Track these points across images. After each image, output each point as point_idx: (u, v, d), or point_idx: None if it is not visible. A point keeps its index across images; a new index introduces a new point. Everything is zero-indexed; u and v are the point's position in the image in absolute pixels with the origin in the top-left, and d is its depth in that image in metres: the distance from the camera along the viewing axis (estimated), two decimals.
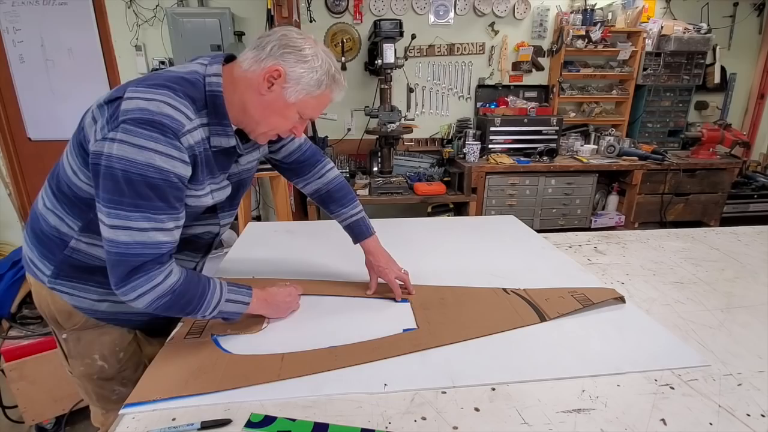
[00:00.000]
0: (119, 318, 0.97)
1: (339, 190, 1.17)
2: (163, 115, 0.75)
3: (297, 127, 0.92)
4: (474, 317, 0.99)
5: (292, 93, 0.83)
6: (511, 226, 1.65)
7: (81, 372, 1.00)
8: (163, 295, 0.78)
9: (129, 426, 0.67)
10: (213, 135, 0.84)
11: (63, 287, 0.91)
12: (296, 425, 0.67)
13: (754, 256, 1.38)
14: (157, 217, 0.77)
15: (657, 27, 3.20)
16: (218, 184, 0.91)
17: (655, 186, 3.05)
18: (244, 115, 0.86)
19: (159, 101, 0.75)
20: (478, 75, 3.32)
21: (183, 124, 0.77)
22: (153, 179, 0.75)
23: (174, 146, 0.76)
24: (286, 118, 0.87)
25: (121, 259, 0.76)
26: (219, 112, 0.83)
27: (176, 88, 0.78)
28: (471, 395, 0.74)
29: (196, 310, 0.83)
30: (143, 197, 0.75)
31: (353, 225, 1.15)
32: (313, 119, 0.93)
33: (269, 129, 0.88)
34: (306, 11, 3.02)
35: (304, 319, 0.98)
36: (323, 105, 0.91)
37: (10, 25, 2.86)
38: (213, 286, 0.85)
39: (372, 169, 3.10)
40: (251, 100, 0.84)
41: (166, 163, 0.75)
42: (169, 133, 0.75)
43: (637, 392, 0.75)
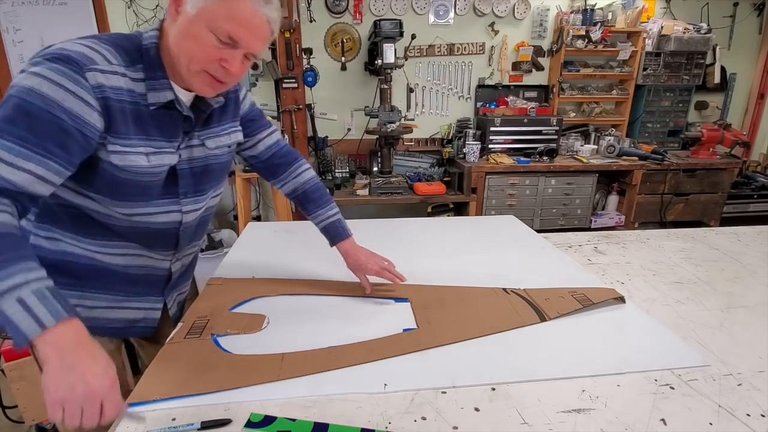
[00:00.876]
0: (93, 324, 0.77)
1: (315, 191, 1.13)
2: (75, 51, 0.69)
3: (226, 59, 0.76)
4: (474, 317, 0.99)
5: (190, 5, 0.73)
6: (511, 226, 1.65)
7: None
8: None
9: (129, 426, 0.67)
10: (150, 90, 0.78)
11: None
12: (296, 425, 0.67)
13: (754, 256, 1.38)
14: (12, 147, 0.64)
15: (657, 27, 3.20)
16: (157, 149, 0.82)
17: (655, 186, 3.05)
18: (172, 57, 0.78)
19: (78, 44, 0.71)
20: (478, 75, 3.32)
21: (94, 60, 0.70)
22: (31, 105, 0.66)
23: (71, 78, 0.68)
24: (198, 40, 0.74)
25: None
26: (152, 63, 0.78)
27: (103, 37, 0.74)
28: (471, 395, 0.74)
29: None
30: (11, 122, 0.65)
31: (329, 227, 1.12)
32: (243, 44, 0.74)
33: (187, 60, 0.76)
34: (306, 11, 3.02)
35: (304, 319, 0.98)
36: (242, 18, 0.74)
37: (10, 25, 2.86)
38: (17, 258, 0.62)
39: (372, 169, 3.11)
40: (171, 36, 0.77)
41: (53, 92, 0.67)
42: (72, 66, 0.68)
43: (637, 392, 0.75)
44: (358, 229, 1.59)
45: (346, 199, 2.82)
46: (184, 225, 0.93)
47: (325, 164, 3.07)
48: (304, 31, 2.98)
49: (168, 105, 0.81)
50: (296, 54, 2.75)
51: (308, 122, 2.99)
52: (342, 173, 3.05)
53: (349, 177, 3.07)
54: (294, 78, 2.78)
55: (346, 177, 3.05)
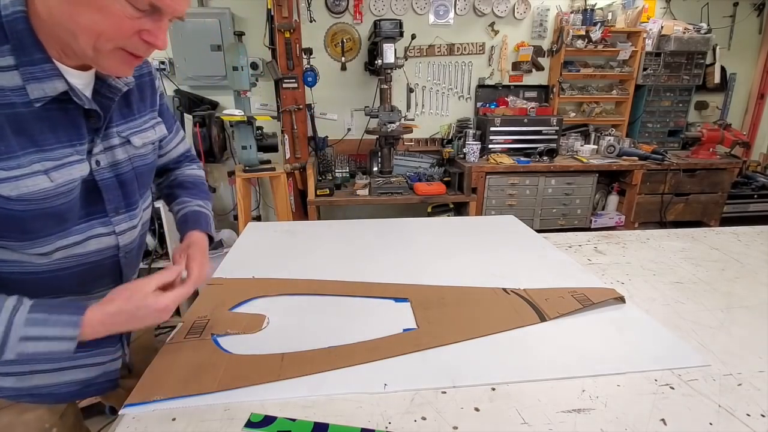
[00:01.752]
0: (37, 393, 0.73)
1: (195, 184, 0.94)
2: None
3: (149, 31, 0.58)
4: (474, 317, 0.99)
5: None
6: (511, 226, 1.65)
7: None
8: None
9: (129, 426, 0.67)
10: (29, 82, 0.57)
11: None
12: (296, 425, 0.67)
13: (754, 256, 1.38)
14: None
15: (657, 27, 3.20)
16: (58, 161, 0.61)
17: (655, 186, 3.05)
18: (58, 31, 0.56)
19: None
20: (478, 75, 3.32)
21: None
22: None
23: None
24: (106, 11, 0.54)
25: None
26: (25, 43, 0.56)
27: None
28: (471, 395, 0.74)
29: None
30: None
31: (189, 216, 0.88)
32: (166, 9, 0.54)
33: (91, 37, 0.55)
34: (306, 11, 3.02)
35: (304, 319, 0.98)
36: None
37: None
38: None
39: (372, 169, 3.11)
40: (53, 5, 0.54)
41: None
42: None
43: (637, 392, 0.75)
44: (359, 229, 1.60)
45: (346, 199, 2.82)
46: (124, 249, 0.76)
47: (325, 164, 3.07)
48: (304, 31, 2.98)
49: (60, 98, 0.60)
50: (296, 54, 2.75)
51: (308, 122, 2.99)
52: (342, 173, 3.05)
53: (349, 177, 3.07)
54: (294, 78, 2.78)
55: (346, 177, 3.05)
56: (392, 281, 1.16)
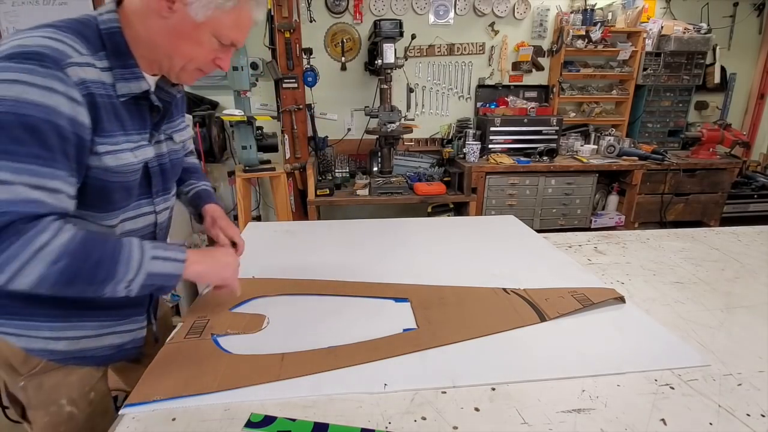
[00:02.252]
0: (82, 356, 0.84)
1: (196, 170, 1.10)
2: (41, 46, 0.62)
3: (221, 58, 0.79)
4: (474, 317, 0.99)
5: (198, 10, 0.70)
6: (511, 226, 1.65)
7: (45, 424, 0.84)
8: (57, 258, 0.61)
9: (129, 426, 0.67)
10: (118, 81, 0.72)
11: (7, 327, 0.77)
12: (296, 425, 0.67)
13: (754, 256, 1.38)
14: (34, 168, 0.60)
15: (657, 27, 3.20)
16: (137, 143, 0.77)
17: (655, 186, 3.05)
18: (154, 50, 0.74)
19: (38, 36, 0.64)
20: (478, 75, 3.32)
21: (68, 54, 0.64)
22: (29, 117, 0.60)
23: (56, 77, 0.62)
24: (201, 44, 0.74)
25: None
26: (120, 51, 0.72)
27: (60, 25, 0.68)
28: (471, 395, 0.74)
29: (113, 275, 0.66)
30: (17, 141, 0.59)
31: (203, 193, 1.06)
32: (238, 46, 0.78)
33: (185, 60, 0.75)
34: (306, 11, 3.02)
35: (304, 319, 0.98)
36: (244, 24, 0.76)
37: (10, 25, 2.86)
38: (129, 242, 0.70)
39: (372, 169, 3.10)
40: (155, 29, 0.72)
41: (46, 99, 0.61)
42: (48, 62, 0.61)
43: (637, 392, 0.75)
44: (359, 229, 1.60)
45: (346, 199, 2.82)
46: (159, 226, 0.91)
47: (325, 164, 3.07)
48: (304, 31, 2.98)
49: (137, 95, 0.76)
50: (296, 54, 2.75)
51: (308, 122, 2.99)
52: (342, 173, 3.05)
53: (349, 177, 3.07)
54: (294, 78, 2.78)
55: (346, 177, 3.05)
56: (392, 281, 1.16)
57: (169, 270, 0.74)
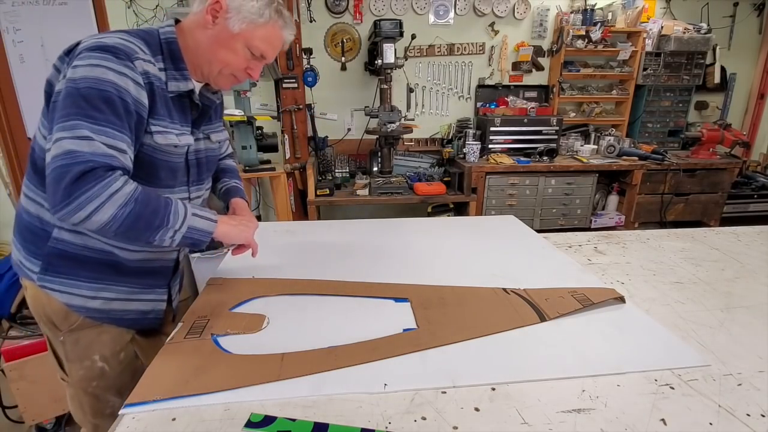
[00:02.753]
0: (113, 316, 0.96)
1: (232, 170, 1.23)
2: (117, 42, 0.78)
3: (252, 67, 0.94)
4: (474, 317, 0.99)
5: (235, 22, 0.87)
6: (511, 226, 1.65)
7: (80, 377, 0.96)
8: (126, 202, 0.75)
9: (129, 426, 0.67)
10: (170, 80, 0.88)
11: (53, 284, 0.90)
12: (296, 425, 0.67)
13: (754, 256, 1.38)
14: (109, 131, 0.75)
15: (657, 27, 3.20)
16: (180, 131, 0.92)
17: (655, 186, 3.05)
18: (198, 56, 0.90)
19: (113, 36, 0.80)
20: (478, 75, 3.32)
21: (136, 51, 0.80)
22: (108, 92, 0.75)
23: (127, 66, 0.78)
24: (235, 52, 0.90)
25: (66, 169, 0.71)
26: (174, 56, 0.88)
27: (130, 31, 0.85)
28: (471, 395, 0.74)
29: (165, 222, 0.80)
30: (97, 109, 0.74)
31: (232, 188, 1.19)
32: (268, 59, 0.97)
33: (221, 65, 0.91)
34: (306, 11, 3.02)
35: (304, 319, 0.98)
36: (273, 41, 0.92)
37: (10, 25, 2.86)
38: (173, 199, 0.84)
39: (372, 169, 3.11)
40: (201, 39, 0.89)
41: (119, 80, 0.77)
42: (122, 55, 0.78)
43: (637, 392, 0.75)
44: (359, 229, 1.60)
45: (346, 199, 2.82)
46: None
47: (325, 164, 3.07)
48: (304, 31, 2.98)
49: (184, 94, 0.91)
50: (296, 54, 2.75)
51: (308, 122, 2.99)
52: (342, 173, 3.05)
53: (349, 177, 3.07)
54: (294, 78, 2.78)
55: (346, 177, 3.05)
56: (392, 281, 1.16)
57: (204, 227, 0.87)
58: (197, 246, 0.89)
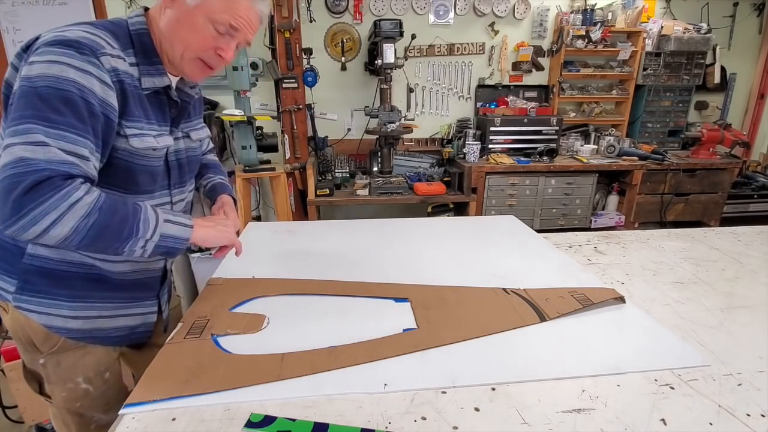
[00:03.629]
0: (97, 335, 0.90)
1: (215, 166, 1.17)
2: (80, 36, 0.70)
3: (222, 48, 0.82)
4: (474, 317, 0.99)
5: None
6: (511, 226, 1.65)
7: (63, 399, 0.91)
8: (88, 213, 0.66)
9: (129, 426, 0.67)
10: (144, 75, 0.80)
11: (30, 304, 0.83)
12: (296, 425, 0.67)
13: (754, 256, 1.38)
14: (68, 135, 0.66)
15: (657, 27, 3.20)
16: (159, 131, 0.85)
17: (655, 186, 3.05)
18: (166, 44, 0.81)
19: (76, 29, 0.72)
20: (478, 75, 3.32)
21: (102, 45, 0.72)
22: (68, 92, 0.67)
23: (91, 63, 0.70)
24: (197, 30, 0.79)
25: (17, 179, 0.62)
26: (147, 49, 0.80)
27: (95, 23, 0.76)
28: (471, 395, 0.74)
29: (135, 232, 0.72)
30: (55, 111, 0.66)
31: (218, 185, 1.13)
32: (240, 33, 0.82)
33: (183, 47, 0.80)
34: (306, 11, 3.02)
35: (304, 319, 0.98)
36: (238, 10, 0.80)
37: (10, 25, 2.86)
38: (143, 205, 0.76)
39: (372, 169, 3.10)
40: (164, 22, 0.80)
41: (82, 79, 0.68)
42: (85, 50, 0.69)
43: (637, 392, 0.75)
44: (359, 229, 1.60)
45: (346, 199, 2.82)
46: None
47: (325, 164, 3.07)
48: (304, 31, 2.98)
49: (161, 91, 0.84)
50: (296, 54, 2.75)
51: (308, 122, 2.99)
52: (342, 173, 3.05)
53: (349, 177, 3.07)
54: (294, 78, 2.78)
55: (346, 177, 3.05)
56: (392, 281, 1.16)
57: (179, 233, 0.80)
58: (172, 255, 0.82)
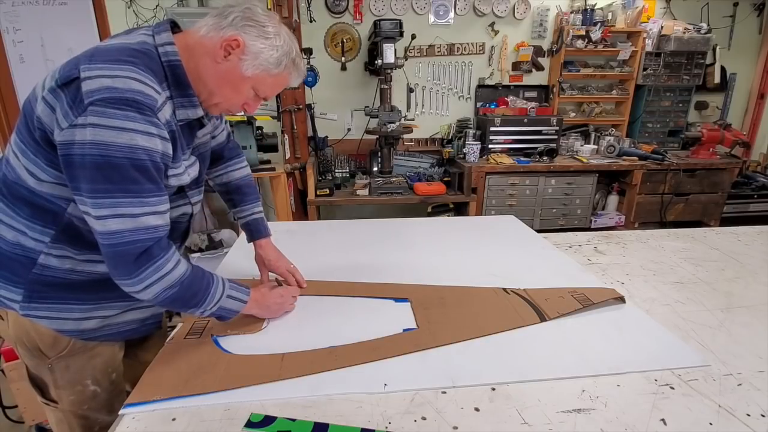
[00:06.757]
0: (108, 332, 0.91)
1: (248, 186, 1.17)
2: (134, 91, 0.70)
3: (250, 104, 0.89)
4: (474, 317, 0.99)
5: (249, 67, 0.81)
6: (511, 226, 1.65)
7: (70, 402, 0.91)
8: (172, 285, 0.77)
9: (129, 426, 0.67)
10: (178, 108, 0.82)
11: (39, 311, 0.82)
12: (296, 425, 0.67)
13: (754, 256, 1.38)
14: (149, 200, 0.74)
15: (657, 27, 3.20)
16: (188, 160, 0.89)
17: (655, 186, 3.04)
18: (198, 82, 0.83)
19: (124, 77, 0.70)
20: (478, 75, 3.32)
21: (155, 99, 0.74)
22: (140, 161, 0.71)
23: (153, 123, 0.72)
24: (240, 92, 0.85)
25: (120, 251, 0.72)
26: (181, 82, 0.81)
27: (136, 62, 0.73)
28: (471, 395, 0.74)
29: (200, 304, 0.82)
30: (132, 181, 0.71)
31: (252, 222, 1.15)
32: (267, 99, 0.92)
33: (222, 100, 0.86)
34: (306, 11, 3.02)
35: (304, 319, 0.98)
36: (280, 86, 0.89)
37: (10, 25, 2.86)
38: (216, 281, 0.85)
39: (372, 169, 3.10)
40: (206, 67, 0.81)
41: (148, 142, 0.72)
42: (146, 110, 0.71)
43: (637, 392, 0.75)
44: (359, 229, 1.60)
45: (346, 199, 2.82)
46: (192, 216, 0.99)
47: (325, 164, 3.07)
48: (304, 31, 2.98)
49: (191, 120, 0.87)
50: None
51: (308, 122, 2.99)
52: (342, 173, 3.05)
53: (349, 177, 3.07)
54: None
55: (346, 177, 3.05)
56: (392, 281, 1.16)
57: (234, 307, 0.89)
58: (220, 319, 0.91)
